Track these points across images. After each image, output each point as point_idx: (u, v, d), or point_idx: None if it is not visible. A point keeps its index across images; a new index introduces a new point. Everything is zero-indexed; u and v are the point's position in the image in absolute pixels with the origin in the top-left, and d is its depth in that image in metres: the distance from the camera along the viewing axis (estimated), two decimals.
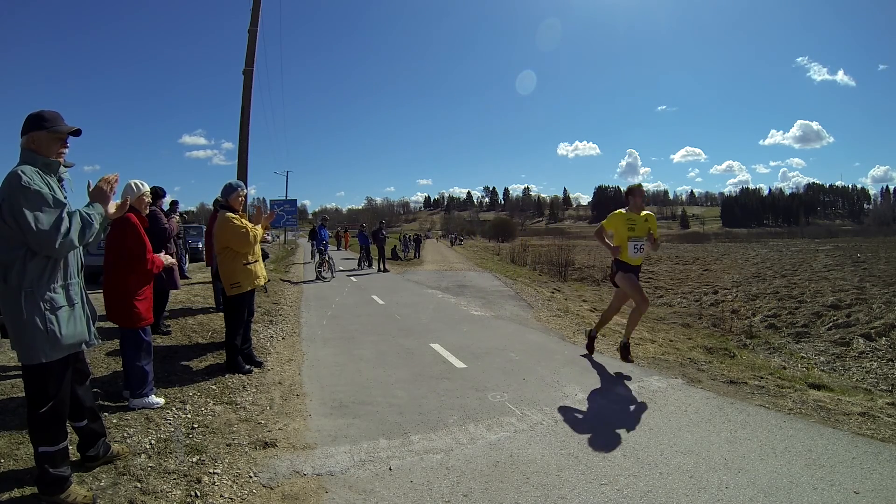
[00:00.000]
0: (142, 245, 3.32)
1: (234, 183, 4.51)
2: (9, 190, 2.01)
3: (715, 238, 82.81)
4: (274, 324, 6.86)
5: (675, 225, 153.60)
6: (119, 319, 3.33)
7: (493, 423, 3.35)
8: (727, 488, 2.45)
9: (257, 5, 10.76)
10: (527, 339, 6.09)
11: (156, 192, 5.58)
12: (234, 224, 4.30)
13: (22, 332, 2.06)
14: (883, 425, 3.24)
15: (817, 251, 29.62)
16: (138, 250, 3.30)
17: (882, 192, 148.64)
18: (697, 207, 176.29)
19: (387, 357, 5.24)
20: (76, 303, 2.23)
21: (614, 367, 4.77)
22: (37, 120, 2.16)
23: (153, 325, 5.57)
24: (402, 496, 2.45)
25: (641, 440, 3.06)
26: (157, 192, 5.59)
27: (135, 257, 3.29)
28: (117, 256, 3.30)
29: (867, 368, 6.36)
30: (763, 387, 4.17)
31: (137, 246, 3.29)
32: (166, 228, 5.46)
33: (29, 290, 2.05)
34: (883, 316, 8.98)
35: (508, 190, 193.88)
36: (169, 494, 2.38)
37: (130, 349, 3.37)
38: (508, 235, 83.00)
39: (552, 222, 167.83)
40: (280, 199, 23.76)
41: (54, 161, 2.19)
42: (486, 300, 9.54)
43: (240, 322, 4.47)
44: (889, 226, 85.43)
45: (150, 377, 3.41)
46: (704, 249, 39.99)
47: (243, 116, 10.59)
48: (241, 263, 4.36)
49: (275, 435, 3.14)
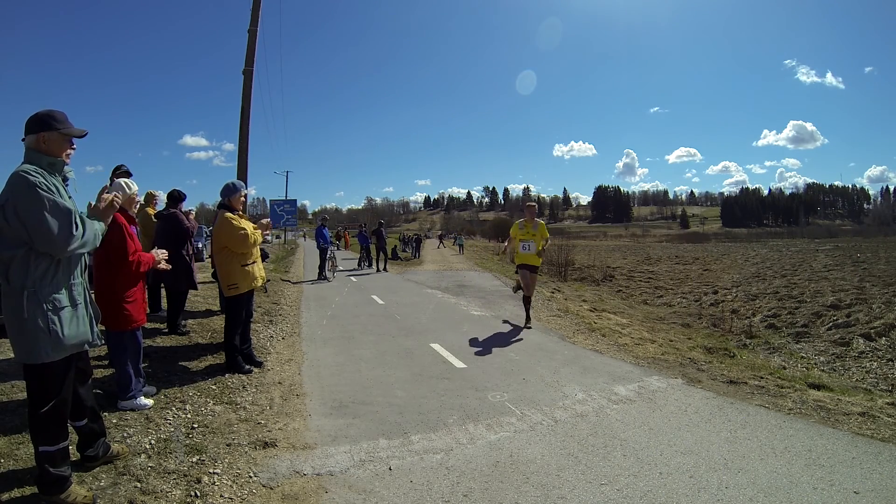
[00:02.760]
0: (126, 245, 3.24)
1: (236, 183, 4.47)
2: (14, 190, 2.00)
3: (715, 238, 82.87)
4: (274, 324, 6.85)
5: (675, 225, 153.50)
6: (107, 322, 3.28)
7: (493, 423, 3.36)
8: (727, 488, 2.45)
9: (257, 5, 10.76)
10: (527, 339, 6.10)
11: (177, 196, 5.62)
12: (233, 225, 4.27)
13: (23, 332, 2.06)
14: (883, 425, 3.24)
15: (817, 251, 29.63)
16: (122, 251, 3.23)
17: (882, 192, 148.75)
18: (697, 207, 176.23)
19: (387, 357, 5.24)
20: (79, 303, 2.22)
21: (614, 367, 4.77)
22: (48, 120, 2.16)
23: (172, 327, 5.61)
24: (402, 496, 2.45)
25: (641, 440, 3.06)
26: (177, 196, 5.62)
27: (119, 258, 3.23)
28: (101, 255, 3.26)
29: (867, 368, 6.36)
30: (763, 387, 4.17)
31: (122, 247, 3.22)
32: (188, 229, 5.47)
33: (32, 290, 2.05)
34: (883, 316, 8.99)
35: (508, 190, 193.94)
36: (169, 494, 2.38)
37: (116, 352, 3.35)
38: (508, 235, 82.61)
39: (552, 222, 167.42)
40: (280, 199, 23.80)
41: (59, 161, 2.18)
42: (486, 300, 9.54)
43: (238, 322, 4.46)
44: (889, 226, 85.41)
45: (135, 380, 3.37)
46: (704, 249, 40.01)
47: (243, 116, 10.59)
48: (238, 265, 4.34)
49: (275, 435, 3.14)
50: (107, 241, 3.13)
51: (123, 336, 3.33)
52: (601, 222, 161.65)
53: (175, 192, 5.63)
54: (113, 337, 3.37)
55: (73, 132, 2.22)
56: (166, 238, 5.15)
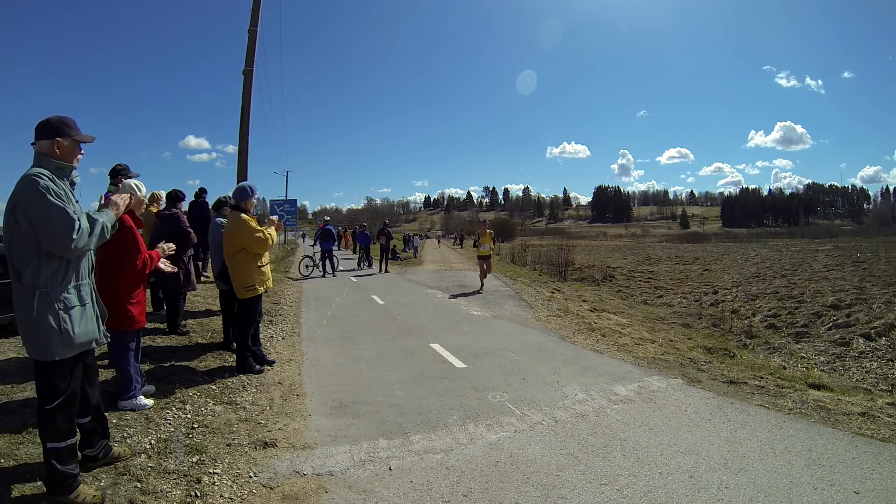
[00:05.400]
0: (134, 247, 3.24)
1: (250, 186, 4.46)
2: (24, 193, 2.07)
3: (715, 238, 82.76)
4: (274, 324, 6.86)
5: (675, 225, 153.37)
6: (109, 321, 3.28)
7: (493, 423, 3.36)
8: (727, 488, 2.45)
9: (257, 5, 10.77)
10: (527, 339, 6.10)
11: (176, 196, 5.59)
12: (251, 227, 4.27)
13: (35, 330, 2.11)
14: (883, 425, 3.24)
15: (817, 251, 29.61)
16: (129, 252, 3.23)
17: (882, 192, 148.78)
18: (697, 207, 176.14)
19: (387, 357, 5.24)
20: (87, 302, 2.30)
21: (614, 367, 4.77)
22: (63, 127, 2.23)
23: (172, 327, 5.61)
24: (402, 496, 2.45)
25: (641, 440, 3.06)
26: (176, 196, 5.59)
27: (126, 260, 3.23)
28: (107, 256, 3.27)
29: (867, 368, 6.36)
30: (763, 387, 4.17)
31: (129, 248, 3.22)
32: (189, 231, 5.43)
33: (43, 291, 2.11)
34: (883, 316, 8.98)
35: (508, 190, 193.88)
36: (169, 494, 2.38)
37: (117, 352, 3.35)
38: (508, 235, 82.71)
39: (552, 222, 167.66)
40: (280, 199, 23.77)
41: (68, 165, 2.25)
42: (486, 300, 9.54)
43: (251, 323, 4.47)
44: (889, 226, 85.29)
45: (135, 380, 3.38)
46: (704, 249, 39.98)
47: (243, 116, 10.61)
48: (255, 266, 4.34)
49: (275, 435, 3.14)
50: (114, 243, 3.14)
51: (125, 336, 3.34)
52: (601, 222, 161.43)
53: (174, 192, 5.62)
54: (114, 337, 3.37)
55: (84, 139, 2.30)
56: (165, 238, 5.12)
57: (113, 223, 2.37)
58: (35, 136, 2.21)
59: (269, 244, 4.39)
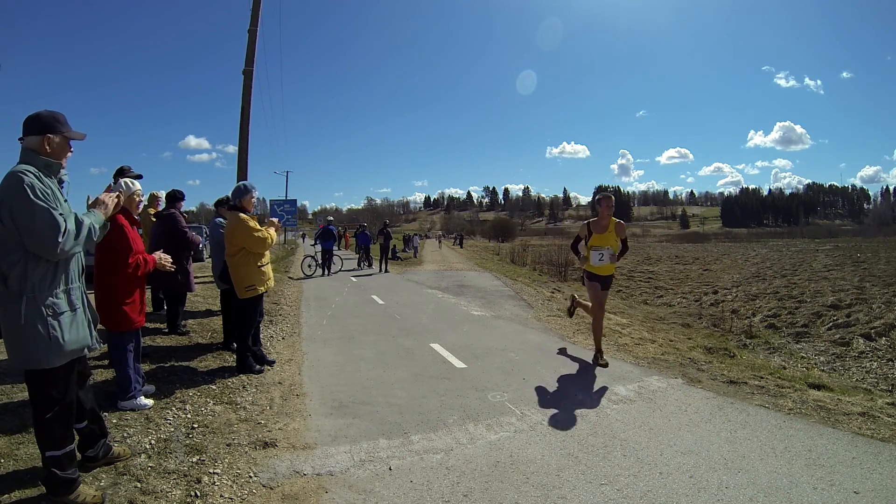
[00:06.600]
0: (126, 246, 3.23)
1: (248, 185, 4.45)
2: (9, 191, 1.96)
3: (715, 238, 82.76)
4: (274, 324, 6.86)
5: (675, 225, 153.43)
6: (107, 323, 3.28)
7: (493, 423, 3.35)
8: (727, 488, 2.45)
9: (257, 5, 10.77)
10: (527, 339, 6.10)
11: (175, 196, 5.58)
12: (250, 226, 4.26)
13: (22, 338, 2.02)
14: (883, 425, 3.24)
15: (817, 251, 29.62)
16: (122, 251, 3.21)
17: (882, 192, 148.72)
18: (697, 207, 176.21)
19: (387, 357, 5.24)
20: (78, 307, 2.19)
21: (614, 367, 4.77)
22: (53, 123, 2.13)
23: (172, 327, 5.60)
24: (402, 496, 2.45)
25: (641, 440, 3.06)
26: (175, 196, 5.58)
27: (119, 259, 3.21)
28: (101, 256, 3.26)
29: (867, 368, 6.36)
30: (763, 387, 4.17)
31: (122, 248, 3.21)
32: (186, 231, 5.41)
33: (31, 296, 2.01)
34: (883, 316, 8.98)
35: (508, 190, 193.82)
36: (169, 494, 2.38)
37: (116, 352, 3.34)
38: (508, 235, 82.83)
39: (552, 222, 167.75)
40: (280, 199, 23.73)
41: (56, 163, 2.15)
42: (486, 300, 9.54)
43: (252, 323, 4.46)
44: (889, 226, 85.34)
45: (135, 380, 3.37)
46: (704, 249, 39.99)
47: (243, 116, 10.61)
48: (255, 266, 4.34)
49: (275, 435, 3.14)
50: (107, 242, 3.12)
51: (123, 337, 3.33)
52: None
53: (173, 192, 5.62)
54: (112, 338, 3.37)
55: (75, 136, 2.21)
56: (164, 238, 5.11)
57: (101, 223, 2.25)
58: (23, 130, 2.10)
59: (268, 244, 4.39)
